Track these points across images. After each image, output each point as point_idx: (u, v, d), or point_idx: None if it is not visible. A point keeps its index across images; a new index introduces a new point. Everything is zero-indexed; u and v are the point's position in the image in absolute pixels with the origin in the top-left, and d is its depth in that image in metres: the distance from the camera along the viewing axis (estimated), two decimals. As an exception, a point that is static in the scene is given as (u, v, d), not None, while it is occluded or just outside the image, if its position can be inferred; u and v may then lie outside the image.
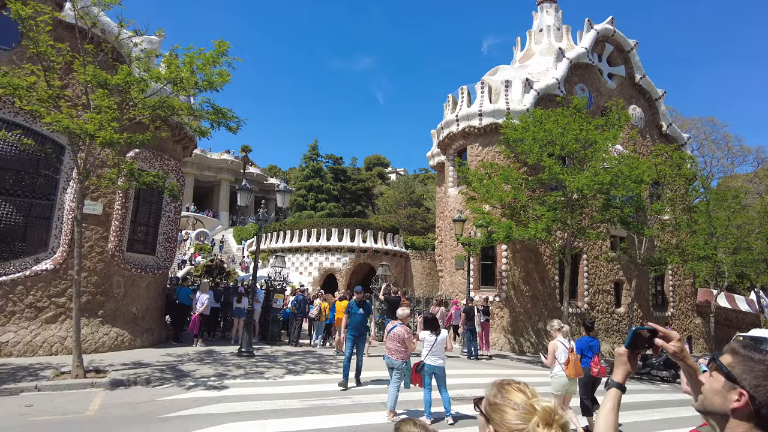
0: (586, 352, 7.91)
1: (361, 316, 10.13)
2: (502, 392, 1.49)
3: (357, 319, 10.08)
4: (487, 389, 1.53)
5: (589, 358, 7.84)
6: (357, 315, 10.11)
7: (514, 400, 1.44)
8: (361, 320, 10.10)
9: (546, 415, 1.40)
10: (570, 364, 7.25)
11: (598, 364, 7.81)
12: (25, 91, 8.91)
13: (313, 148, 56.30)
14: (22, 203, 11.87)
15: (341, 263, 30.97)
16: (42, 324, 11.48)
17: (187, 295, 14.84)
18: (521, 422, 1.40)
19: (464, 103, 20.66)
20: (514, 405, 1.43)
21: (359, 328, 10.04)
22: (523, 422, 1.40)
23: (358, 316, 10.10)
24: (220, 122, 10.85)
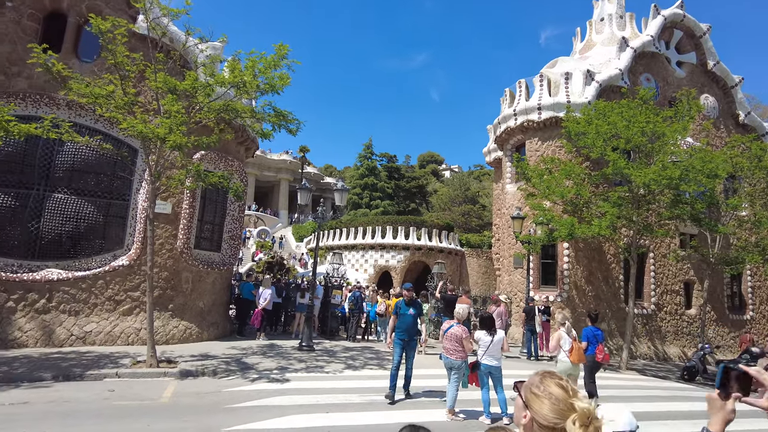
0: (592, 340, 8.92)
1: (411, 317, 8.73)
2: (543, 383, 1.53)
3: (407, 320, 8.71)
4: (531, 377, 1.58)
5: (595, 346, 8.86)
6: (407, 316, 8.73)
7: (554, 394, 1.48)
8: (411, 322, 8.71)
9: (584, 416, 1.43)
10: (573, 351, 8.28)
11: (602, 351, 8.91)
12: (105, 99, 9.58)
13: (367, 147, 56.87)
14: (101, 203, 12.77)
15: (396, 261, 31.12)
16: (120, 316, 12.31)
17: (250, 290, 15.43)
18: (556, 416, 1.45)
19: (522, 97, 20.17)
20: (554, 399, 1.47)
21: (409, 331, 8.68)
22: (558, 417, 1.44)
23: (407, 318, 8.73)
24: (281, 124, 11.20)
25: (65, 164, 12.49)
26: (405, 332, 8.66)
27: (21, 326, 11.31)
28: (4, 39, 12.24)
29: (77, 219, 12.38)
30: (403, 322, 8.73)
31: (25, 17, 12.58)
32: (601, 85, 19.05)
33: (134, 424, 6.42)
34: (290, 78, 10.53)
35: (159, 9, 10.23)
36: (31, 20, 12.69)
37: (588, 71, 19.08)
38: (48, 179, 12.31)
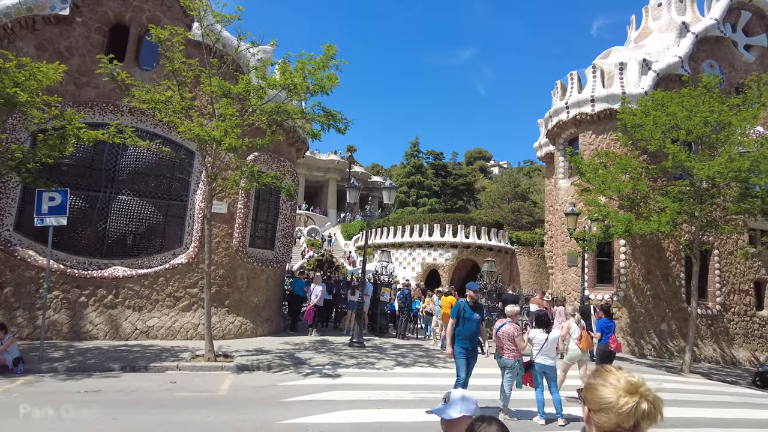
0: (605, 331, 9.74)
1: (476, 323, 7.57)
2: (597, 374, 1.62)
3: (471, 327, 7.49)
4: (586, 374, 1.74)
5: (608, 336, 9.66)
6: (471, 322, 7.48)
7: (607, 379, 1.56)
8: (476, 329, 7.55)
9: (629, 386, 1.51)
10: (582, 339, 8.95)
11: (614, 341, 9.70)
12: (163, 104, 10.05)
13: (413, 145, 56.81)
14: (161, 204, 13.40)
15: (444, 259, 30.93)
16: (179, 312, 12.88)
17: (302, 287, 15.79)
18: (609, 396, 1.51)
19: (574, 90, 19.54)
20: (604, 382, 1.55)
21: (473, 339, 7.49)
22: (611, 396, 1.51)
23: (472, 324, 7.51)
24: (330, 124, 11.38)
25: (128, 167, 13.19)
26: (469, 340, 7.44)
27: (92, 320, 12.06)
28: (75, 52, 13.06)
29: (139, 219, 13.06)
30: (468, 328, 7.44)
31: (92, 31, 13.38)
32: (659, 74, 18.17)
33: (195, 415, 6.71)
34: (338, 78, 10.68)
35: (212, 16, 10.62)
36: (98, 33, 13.47)
37: (644, 60, 18.24)
38: (113, 182, 13.05)
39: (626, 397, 1.48)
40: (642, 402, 1.48)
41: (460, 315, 7.52)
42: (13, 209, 12.28)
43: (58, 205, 10.00)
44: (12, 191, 12.25)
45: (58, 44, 12.94)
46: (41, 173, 11.32)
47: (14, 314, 11.58)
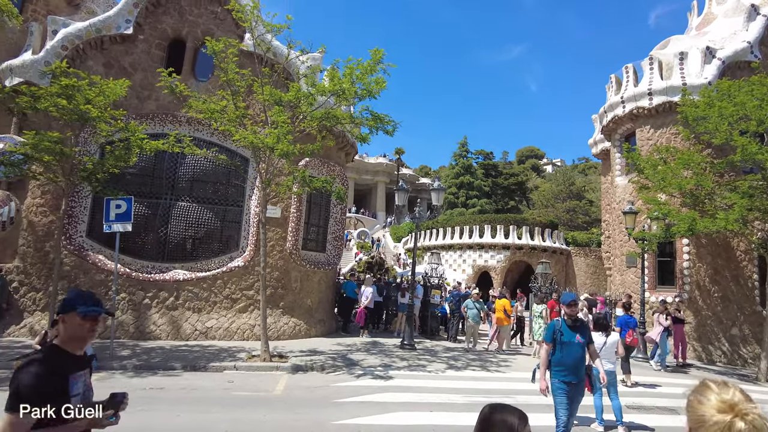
0: (624, 327, 10.66)
1: (580, 348, 5.62)
2: (697, 390, 1.53)
3: (573, 353, 5.56)
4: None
5: (626, 331, 10.59)
6: (573, 346, 5.54)
7: (705, 395, 1.48)
8: (579, 355, 5.62)
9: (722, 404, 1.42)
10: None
11: (631, 335, 10.66)
12: (219, 114, 10.47)
13: (462, 145, 56.21)
14: (218, 210, 13.94)
15: (495, 261, 30.40)
16: (236, 313, 13.34)
17: (353, 289, 15.97)
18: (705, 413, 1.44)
19: (630, 83, 18.71)
20: (701, 398, 1.47)
21: (576, 369, 5.57)
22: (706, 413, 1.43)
23: (574, 349, 5.56)
24: (378, 127, 11.48)
25: (187, 175, 13.81)
26: (571, 371, 5.54)
27: (155, 321, 12.70)
28: (137, 68, 13.83)
29: (198, 224, 13.64)
30: (568, 355, 5.53)
31: (153, 47, 14.12)
32: (724, 62, 17.10)
33: (253, 413, 6.93)
34: (386, 81, 10.76)
35: (263, 26, 10.97)
36: (158, 49, 14.20)
37: (707, 48, 17.21)
38: (173, 189, 13.70)
39: (719, 416, 1.39)
40: (737, 421, 1.37)
41: (556, 338, 5.62)
42: (85, 217, 13.14)
43: (123, 212, 10.62)
44: (84, 200, 13.12)
45: (122, 61, 13.75)
46: (108, 183, 12.06)
47: (87, 315, 12.35)
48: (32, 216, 12.86)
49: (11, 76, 13.01)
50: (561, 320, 5.78)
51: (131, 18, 13.64)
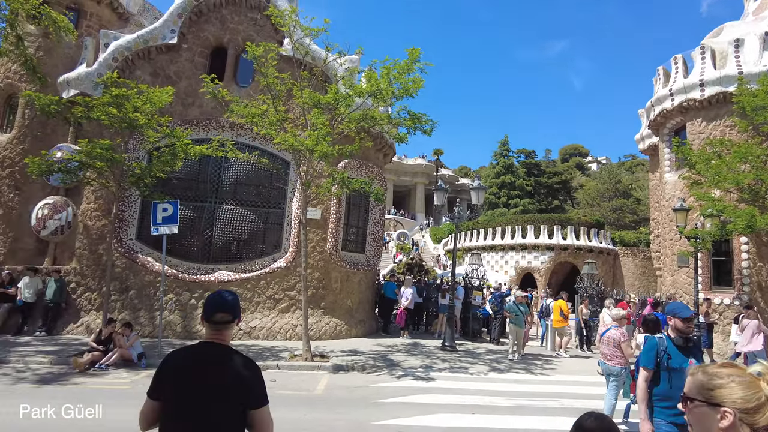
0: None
1: None
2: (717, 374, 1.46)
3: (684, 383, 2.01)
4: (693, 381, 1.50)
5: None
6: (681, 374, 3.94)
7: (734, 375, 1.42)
8: None
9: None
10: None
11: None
12: (260, 118, 10.68)
13: (503, 144, 55.32)
14: (260, 212, 14.23)
15: (539, 262, 29.68)
16: (279, 313, 13.56)
17: (393, 289, 15.95)
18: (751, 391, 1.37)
19: (679, 74, 17.85)
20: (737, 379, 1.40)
21: None
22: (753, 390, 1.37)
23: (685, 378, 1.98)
24: (416, 127, 11.42)
25: (230, 179, 14.17)
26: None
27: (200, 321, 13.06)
28: (182, 76, 14.32)
29: (242, 227, 13.97)
30: (679, 386, 3.72)
31: (196, 55, 14.59)
32: (786, 48, 16.06)
33: (293, 412, 6.99)
34: (423, 80, 10.70)
35: (301, 30, 11.12)
36: (201, 57, 14.66)
37: (766, 34, 16.23)
38: (217, 193, 14.08)
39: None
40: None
41: (661, 364, 4.07)
42: (135, 220, 13.69)
43: (170, 215, 10.98)
44: (133, 204, 13.67)
45: (168, 70, 14.26)
46: (156, 187, 12.52)
47: (138, 314, 12.87)
48: (87, 220, 13.51)
49: (68, 88, 13.74)
50: (666, 339, 4.21)
51: (176, 28, 14.13)
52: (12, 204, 14.00)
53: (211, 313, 2.50)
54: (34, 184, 13.86)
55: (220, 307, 2.51)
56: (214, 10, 14.68)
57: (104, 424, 6.13)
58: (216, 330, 2.52)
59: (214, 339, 2.52)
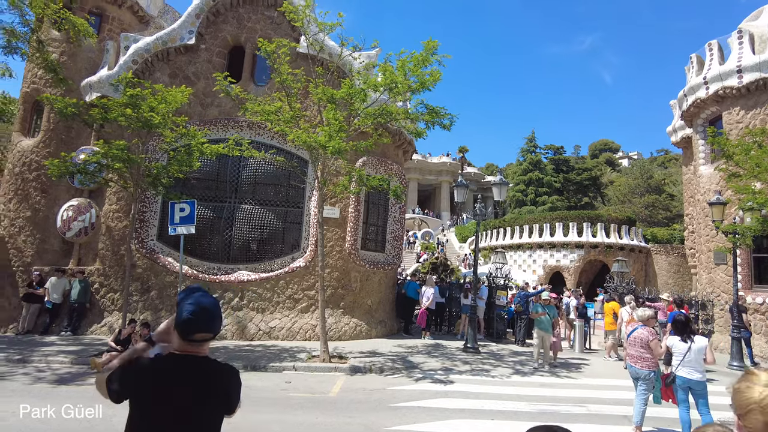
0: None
1: None
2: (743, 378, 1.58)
3: None
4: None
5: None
6: None
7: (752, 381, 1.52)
8: None
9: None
10: None
11: None
12: (274, 115, 10.53)
13: (530, 141, 54.27)
14: (280, 212, 14.13)
15: (568, 260, 28.87)
16: (298, 313, 13.41)
17: (415, 289, 15.61)
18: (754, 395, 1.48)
19: (714, 61, 16.94)
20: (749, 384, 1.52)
21: None
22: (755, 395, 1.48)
23: None
24: (434, 121, 11.10)
25: (249, 178, 14.12)
26: None
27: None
28: (200, 76, 14.34)
29: (261, 226, 13.89)
30: None
31: (214, 55, 14.59)
32: (831, 31, 15.06)
33: (305, 415, 6.78)
34: (441, 73, 10.36)
35: (316, 26, 10.93)
36: (219, 57, 14.65)
37: (810, 17, 15.25)
38: (237, 192, 14.05)
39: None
40: None
41: None
42: (155, 221, 13.77)
43: (187, 215, 10.95)
44: (154, 205, 13.75)
45: (186, 70, 14.30)
46: (175, 187, 12.54)
47: (159, 315, 12.91)
48: (109, 221, 13.65)
49: (90, 91, 13.93)
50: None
51: (193, 29, 14.16)
52: (39, 206, 14.27)
53: (193, 331, 2.14)
54: (59, 187, 14.10)
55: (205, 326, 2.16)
56: (231, 9, 14.66)
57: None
58: (194, 346, 2.19)
59: (192, 351, 2.19)
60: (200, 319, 2.14)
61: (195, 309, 2.14)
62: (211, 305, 2.21)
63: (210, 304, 2.20)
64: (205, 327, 2.17)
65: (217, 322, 2.23)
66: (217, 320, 2.23)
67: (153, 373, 2.16)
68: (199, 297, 2.21)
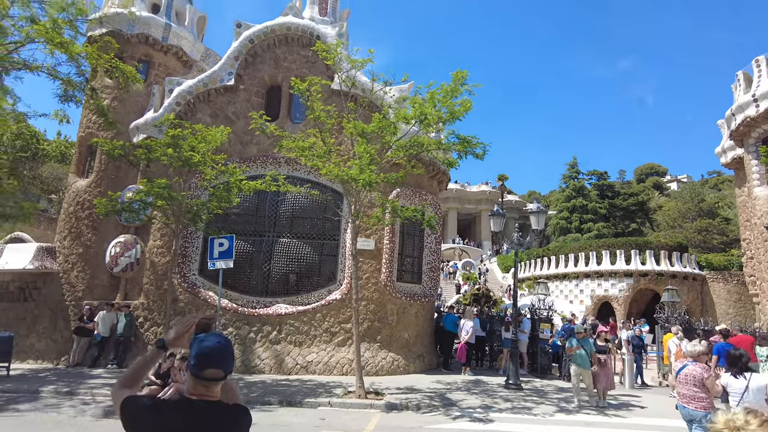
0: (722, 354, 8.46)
1: None
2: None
3: None
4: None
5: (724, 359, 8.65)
6: None
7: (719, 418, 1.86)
8: None
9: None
10: None
11: None
12: (308, 150, 10.76)
13: (572, 166, 53.16)
14: (316, 244, 14.25)
15: (617, 289, 27.67)
16: (335, 347, 13.32)
17: (453, 322, 15.22)
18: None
19: (763, 77, 16.19)
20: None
21: None
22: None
23: None
24: (466, 151, 11.06)
25: (287, 212, 14.37)
26: None
27: (259, 355, 13.10)
28: (240, 116, 14.90)
29: (298, 259, 14.03)
30: None
31: (252, 95, 15.17)
32: None
33: (337, 454, 6.61)
34: (471, 102, 10.36)
35: (348, 63, 11.21)
36: (257, 96, 15.22)
37: None
38: (275, 226, 14.30)
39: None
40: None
41: None
42: (197, 256, 14.16)
43: (226, 249, 11.21)
44: (196, 240, 14.17)
45: (226, 110, 14.90)
46: (215, 223, 12.91)
47: (199, 349, 13.08)
48: (153, 257, 14.14)
49: (137, 133, 14.71)
50: None
51: (232, 71, 14.81)
52: (90, 243, 14.97)
53: (204, 367, 2.15)
54: (108, 224, 14.77)
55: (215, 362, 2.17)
56: (268, 50, 15.27)
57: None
58: (204, 386, 2.18)
59: (205, 396, 2.18)
60: (211, 355, 2.16)
61: (207, 345, 2.18)
62: (223, 343, 2.23)
63: (222, 342, 2.22)
64: (215, 363, 2.17)
65: (228, 360, 2.23)
66: (228, 358, 2.23)
67: (158, 420, 2.14)
68: (212, 336, 2.25)
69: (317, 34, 14.59)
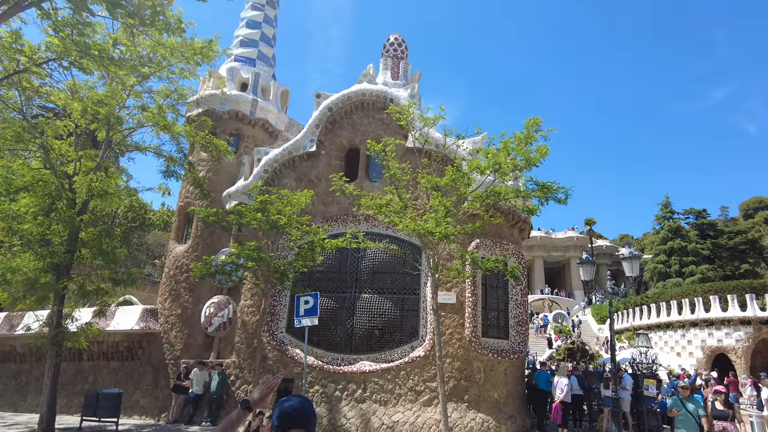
0: None
1: None
2: None
3: None
4: None
5: None
6: None
7: None
8: None
9: None
10: None
11: None
12: (385, 207, 11.04)
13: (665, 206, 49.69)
14: (396, 299, 14.25)
15: (733, 339, 24.76)
16: (421, 406, 12.93)
17: (547, 379, 14.30)
18: None
19: None
20: None
21: None
22: None
23: None
24: (547, 197, 10.81)
25: (368, 268, 14.60)
26: None
27: (345, 414, 13.01)
28: (321, 178, 15.69)
29: (380, 315, 14.06)
30: None
31: (332, 158, 15.99)
32: None
33: None
34: (548, 148, 10.25)
35: (420, 121, 11.58)
36: (337, 159, 16.01)
37: None
38: (357, 282, 14.54)
39: None
40: None
41: None
42: (284, 314, 14.65)
43: (311, 307, 11.52)
44: (284, 299, 14.71)
45: (309, 174, 15.77)
46: (301, 281, 13.39)
47: (287, 407, 13.27)
48: (244, 316, 14.82)
49: (229, 200, 15.89)
50: None
51: (314, 138, 15.77)
52: (187, 304, 16.04)
53: (287, 427, 2.28)
54: (203, 286, 15.80)
55: (297, 422, 2.29)
56: (346, 117, 16.16)
57: None
58: None
59: None
60: (294, 416, 2.29)
61: (290, 405, 2.32)
62: (305, 403, 2.36)
63: (304, 403, 2.36)
64: (298, 423, 2.28)
65: (311, 419, 2.34)
66: (311, 418, 2.34)
67: None
68: (294, 397, 2.39)
69: (390, 98, 15.27)
